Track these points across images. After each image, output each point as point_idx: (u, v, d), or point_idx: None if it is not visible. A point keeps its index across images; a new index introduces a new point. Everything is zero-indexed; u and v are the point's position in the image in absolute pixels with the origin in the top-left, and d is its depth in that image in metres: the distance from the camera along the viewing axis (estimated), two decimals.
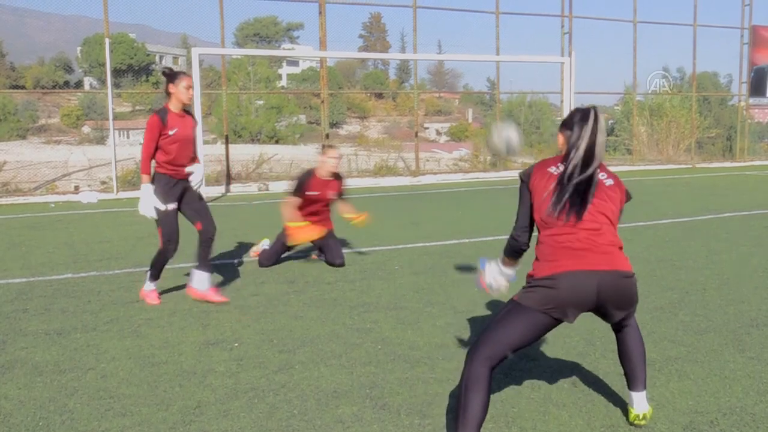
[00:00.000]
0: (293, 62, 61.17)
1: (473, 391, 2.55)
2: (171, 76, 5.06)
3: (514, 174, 16.87)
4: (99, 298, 5.25)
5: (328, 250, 6.28)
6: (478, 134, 25.02)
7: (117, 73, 45.86)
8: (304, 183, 6.26)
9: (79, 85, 55.23)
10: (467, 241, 7.61)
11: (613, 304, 2.66)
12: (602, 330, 4.25)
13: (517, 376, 3.53)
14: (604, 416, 3.06)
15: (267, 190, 13.85)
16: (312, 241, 6.43)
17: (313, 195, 6.26)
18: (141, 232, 8.38)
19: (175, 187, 5.04)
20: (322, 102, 15.64)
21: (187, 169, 5.12)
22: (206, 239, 5.11)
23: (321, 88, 15.79)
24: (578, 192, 2.70)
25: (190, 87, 5.06)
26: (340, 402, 3.24)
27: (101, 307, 4.96)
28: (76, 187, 14.21)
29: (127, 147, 30.94)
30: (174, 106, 5.05)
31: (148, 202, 4.95)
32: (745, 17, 20.36)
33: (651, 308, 4.74)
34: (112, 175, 13.35)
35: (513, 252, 2.97)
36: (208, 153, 14.74)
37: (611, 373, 3.54)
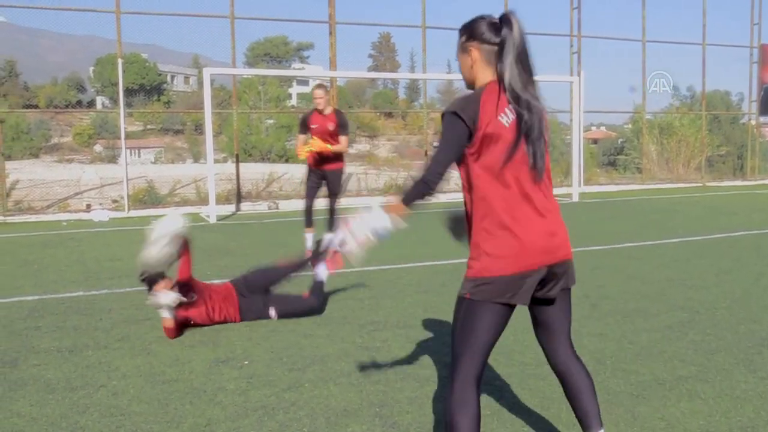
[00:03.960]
0: (303, 82, 61.47)
1: (461, 415, 2.35)
2: None
3: None
4: (110, 315, 5.28)
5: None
6: None
7: (129, 92, 46.26)
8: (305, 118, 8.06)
9: (91, 104, 55.78)
10: None
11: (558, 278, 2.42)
12: (612, 349, 4.24)
13: (527, 395, 3.52)
14: None
15: (277, 208, 13.91)
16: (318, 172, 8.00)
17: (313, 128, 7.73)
18: None
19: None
20: None
21: None
22: None
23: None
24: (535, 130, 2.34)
25: None
26: (350, 420, 3.25)
27: (113, 325, 5.00)
28: (88, 206, 14.32)
29: (138, 166, 31.15)
30: None
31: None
32: (754, 36, 20.41)
33: (661, 327, 4.73)
34: (124, 193, 13.46)
35: (421, 198, 2.38)
36: (219, 172, 14.84)
37: (622, 392, 3.53)
